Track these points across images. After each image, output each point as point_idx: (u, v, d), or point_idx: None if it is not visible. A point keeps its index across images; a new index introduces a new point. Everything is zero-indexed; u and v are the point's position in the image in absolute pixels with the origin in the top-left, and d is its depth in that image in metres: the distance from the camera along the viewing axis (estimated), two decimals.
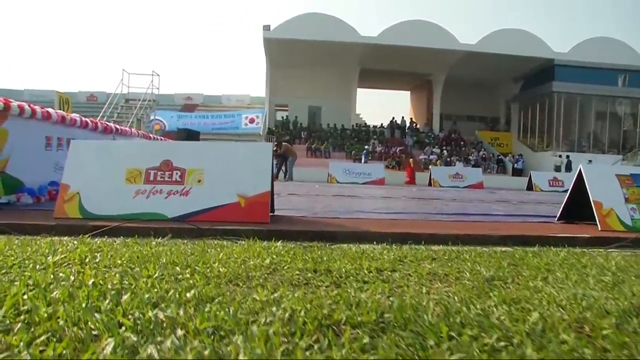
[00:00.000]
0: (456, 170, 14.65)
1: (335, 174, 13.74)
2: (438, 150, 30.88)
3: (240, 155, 3.92)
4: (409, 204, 6.65)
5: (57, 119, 5.23)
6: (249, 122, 28.20)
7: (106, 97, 36.32)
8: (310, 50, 30.50)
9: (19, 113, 4.58)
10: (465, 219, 4.78)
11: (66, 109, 6.91)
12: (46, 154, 5.21)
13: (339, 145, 30.68)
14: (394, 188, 12.18)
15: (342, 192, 8.67)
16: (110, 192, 3.75)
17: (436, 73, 33.92)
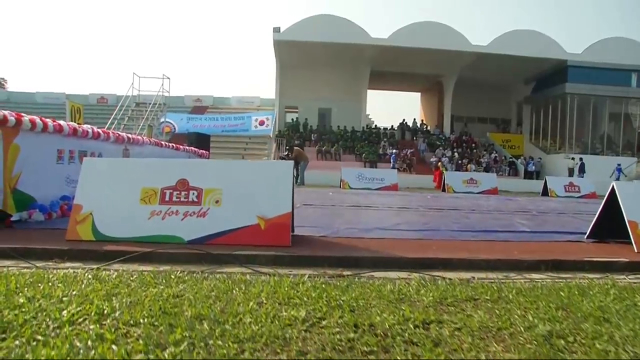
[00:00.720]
0: (470, 176, 14.40)
1: (347, 179, 13.56)
2: (449, 153, 30.60)
3: (260, 174, 3.75)
4: (428, 216, 6.46)
5: (69, 131, 5.10)
6: (259, 124, 28.02)
7: (116, 99, 36.53)
8: (320, 52, 30.36)
9: (31, 127, 4.45)
10: (491, 237, 4.59)
11: (78, 118, 6.80)
12: (58, 168, 5.08)
13: (349, 148, 30.49)
14: (408, 195, 11.97)
15: (359, 202, 8.48)
16: (125, 213, 3.60)
17: (447, 74, 33.64)
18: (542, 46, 29.35)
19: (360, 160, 28.96)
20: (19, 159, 4.39)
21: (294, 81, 33.44)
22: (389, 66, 32.64)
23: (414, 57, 30.57)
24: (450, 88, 33.91)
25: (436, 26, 29.42)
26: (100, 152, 6.10)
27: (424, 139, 32.81)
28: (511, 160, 30.86)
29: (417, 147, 32.06)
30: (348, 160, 29.18)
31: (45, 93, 37.01)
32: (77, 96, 37.27)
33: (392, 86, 40.03)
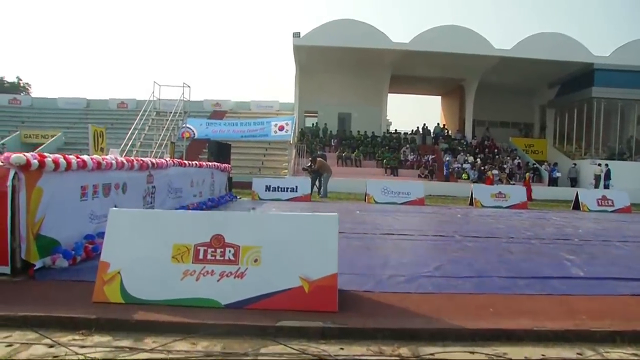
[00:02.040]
0: (499, 189, 13.93)
1: (373, 193, 13.21)
2: (471, 158, 30.05)
3: (302, 229, 3.43)
4: (469, 251, 6.07)
5: (93, 166, 4.84)
6: (279, 129, 27.69)
7: (136, 104, 36.67)
8: (340, 56, 30.02)
9: (54, 168, 4.19)
10: (547, 288, 4.21)
11: (101, 142, 6.55)
12: (81, 205, 4.82)
13: (369, 154, 30.11)
14: (437, 212, 11.57)
15: (390, 227, 8.11)
16: (156, 272, 3.31)
17: (469, 78, 33.05)
18: (568, 49, 28.60)
19: (381, 167, 28.58)
20: (42, 202, 4.13)
21: (313, 86, 33.14)
22: (410, 70, 32.19)
23: (435, 61, 30.07)
24: (472, 92, 33.31)
25: (458, 30, 28.89)
26: (125, 182, 5.86)
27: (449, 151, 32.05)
28: (535, 166, 30.15)
29: (438, 153, 31.56)
30: (369, 166, 28.82)
31: (66, 98, 37.25)
32: (97, 101, 37.52)
33: (412, 90, 39.54)
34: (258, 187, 13.12)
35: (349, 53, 29.27)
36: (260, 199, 12.97)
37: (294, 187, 13.10)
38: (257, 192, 13.04)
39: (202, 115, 33.96)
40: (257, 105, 37.98)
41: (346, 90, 33.75)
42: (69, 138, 31.63)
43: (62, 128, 32.50)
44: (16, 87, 51.48)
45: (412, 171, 28.46)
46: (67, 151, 30.15)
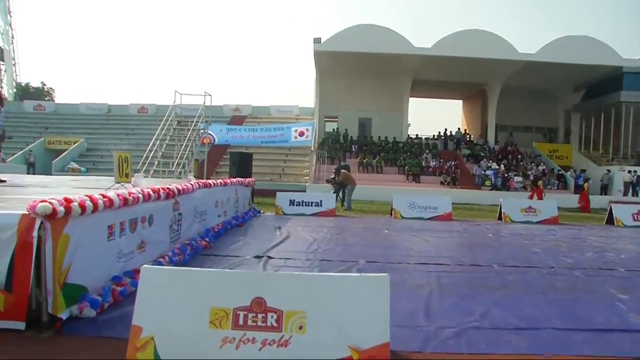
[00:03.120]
0: (529, 204, 13.50)
1: (399, 207, 12.89)
2: (495, 165, 29.48)
3: (350, 290, 3.15)
4: (512, 289, 5.73)
5: (120, 203, 4.63)
6: (299, 135, 27.48)
7: (156, 109, 36.84)
8: (361, 61, 29.72)
9: (80, 212, 3.98)
10: (609, 347, 3.86)
11: (126, 168, 6.34)
12: (108, 245, 4.61)
13: (391, 160, 29.76)
14: (467, 232, 11.21)
15: (422, 251, 7.80)
16: (192, 339, 3.06)
17: (491, 83, 32.51)
18: (596, 52, 27.89)
19: (403, 173, 28.23)
20: (69, 249, 3.92)
21: (333, 91, 32.91)
22: (431, 75, 31.78)
23: (457, 66, 29.63)
24: (494, 96, 32.73)
25: (482, 34, 28.37)
26: (151, 214, 5.65)
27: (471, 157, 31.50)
28: (560, 172, 29.47)
29: (460, 159, 31.07)
30: (390, 173, 28.49)
31: (88, 104, 37.63)
32: (118, 107, 37.73)
33: (432, 94, 39.07)
34: (282, 201, 12.88)
35: (370, 58, 28.97)
36: (284, 213, 12.73)
37: (318, 202, 12.84)
38: (280, 207, 12.81)
39: (222, 120, 33.96)
40: (277, 109, 37.88)
41: (367, 95, 33.45)
42: (91, 144, 31.87)
43: (84, 134, 32.77)
44: (41, 92, 52.10)
45: (434, 178, 28.07)
46: (89, 157, 30.40)
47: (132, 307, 3.24)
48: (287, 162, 30.18)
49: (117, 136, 33.43)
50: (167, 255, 5.93)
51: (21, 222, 3.62)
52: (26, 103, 38.61)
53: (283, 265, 6.37)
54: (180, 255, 6.18)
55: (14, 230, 3.61)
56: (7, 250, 3.61)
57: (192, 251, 6.66)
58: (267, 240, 8.31)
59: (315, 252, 7.37)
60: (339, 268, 6.32)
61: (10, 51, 43.39)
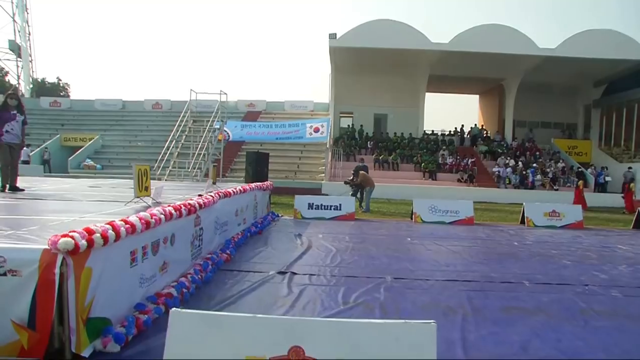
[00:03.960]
0: (553, 207, 13.16)
1: (420, 212, 12.65)
2: (512, 162, 29.04)
3: (394, 339, 2.93)
4: (552, 315, 5.47)
5: (142, 228, 4.45)
6: (314, 131, 27.24)
7: (170, 104, 36.78)
8: (377, 57, 29.39)
9: (103, 243, 3.80)
10: None
11: (145, 181, 6.17)
12: (131, 272, 4.44)
13: (407, 157, 29.44)
14: (491, 239, 10.94)
15: (451, 264, 7.54)
16: None
17: (510, 78, 32.01)
18: (619, 46, 27.21)
19: (420, 170, 27.92)
20: (91, 283, 3.75)
21: (349, 87, 32.61)
22: (448, 70, 31.35)
23: (475, 61, 29.18)
24: (512, 92, 32.22)
25: (501, 29, 27.88)
26: (173, 233, 5.48)
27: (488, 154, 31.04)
28: (580, 170, 28.92)
29: (477, 155, 30.64)
30: (407, 170, 28.21)
31: (103, 100, 37.71)
32: (132, 102, 37.77)
33: (448, 89, 38.60)
34: (300, 204, 12.69)
35: (386, 54, 28.63)
36: (302, 217, 12.54)
37: (337, 206, 12.63)
38: (299, 211, 12.62)
39: (236, 115, 33.86)
40: (291, 105, 37.64)
41: (382, 91, 33.12)
42: (106, 141, 31.95)
43: (99, 130, 32.86)
44: (56, 87, 52.39)
45: (451, 175, 27.76)
46: (104, 154, 30.46)
47: (157, 340, 3.06)
48: (302, 159, 29.98)
49: (131, 132, 33.48)
50: (189, 274, 5.76)
51: (42, 258, 3.45)
52: (42, 100, 38.82)
53: (308, 283, 6.16)
54: (202, 273, 6.01)
55: (35, 266, 3.44)
56: (29, 287, 3.45)
57: (214, 266, 6.49)
58: (289, 251, 8.12)
59: (339, 266, 7.16)
60: (366, 286, 6.10)
61: (26, 48, 43.59)
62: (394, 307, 5.36)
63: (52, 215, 5.25)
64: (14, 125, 8.20)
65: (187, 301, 5.15)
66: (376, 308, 5.28)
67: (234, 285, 5.88)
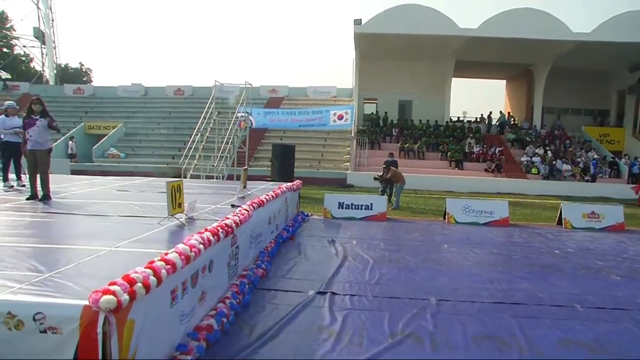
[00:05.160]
0: (592, 209, 12.65)
1: (453, 212, 12.29)
2: (541, 151, 28.28)
3: None
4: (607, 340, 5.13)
5: (182, 264, 4.21)
6: (338, 118, 26.86)
7: (192, 90, 36.64)
8: (402, 43, 28.73)
9: (145, 292, 3.55)
10: None
11: (178, 197, 5.96)
12: (172, 311, 4.21)
13: (432, 145, 28.88)
14: (528, 244, 10.54)
15: (494, 279, 7.19)
16: None
17: (540, 63, 31.03)
18: None
19: (446, 159, 27.39)
20: (134, 334, 3.52)
21: (373, 72, 32.03)
22: (476, 56, 30.54)
23: (504, 47, 28.33)
24: (542, 78, 31.28)
25: (532, 13, 26.91)
26: (211, 260, 5.23)
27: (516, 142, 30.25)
28: (612, 159, 28.05)
29: (505, 144, 29.93)
30: (432, 159, 27.69)
31: (125, 86, 37.75)
32: (154, 88, 37.72)
33: (474, 74, 37.71)
34: (330, 204, 12.40)
35: (412, 40, 27.95)
36: (332, 217, 12.26)
37: (368, 205, 12.31)
38: (329, 210, 12.33)
39: (259, 101, 33.56)
40: (314, 90, 37.17)
41: (407, 77, 32.46)
42: (129, 128, 32.00)
43: (122, 118, 32.92)
44: (79, 73, 52.60)
45: (477, 164, 27.19)
46: (127, 142, 30.47)
47: None
48: (326, 147, 29.63)
49: (154, 120, 33.46)
50: (226, 298, 5.53)
51: (83, 315, 3.20)
52: (66, 87, 38.98)
53: (350, 307, 5.89)
54: (239, 296, 5.78)
55: (76, 324, 3.20)
56: (70, 345, 3.22)
57: (251, 286, 6.26)
58: (324, 263, 7.87)
59: (379, 284, 6.87)
60: (411, 311, 5.81)
61: (50, 34, 43.68)
62: (443, 340, 5.06)
63: (84, 243, 5.04)
64: (33, 131, 8.04)
65: (227, 332, 4.93)
66: (426, 341, 4.98)
67: (273, 311, 5.64)
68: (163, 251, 4.48)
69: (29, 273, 3.85)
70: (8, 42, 48.19)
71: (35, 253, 4.55)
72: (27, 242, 4.97)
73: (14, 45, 48.77)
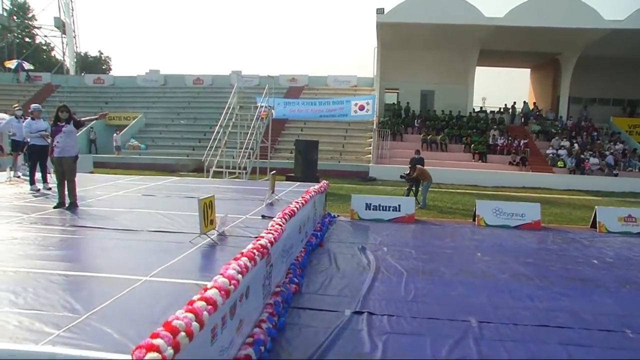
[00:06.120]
0: (628, 212, 12.22)
1: (483, 214, 11.96)
2: (567, 143, 27.62)
3: None
4: None
5: (222, 301, 4.03)
6: (359, 109, 26.53)
7: (211, 79, 36.47)
8: (425, 32, 28.15)
9: (189, 341, 3.36)
10: None
11: (210, 214, 5.86)
12: (212, 349, 4.03)
13: (455, 136, 28.38)
14: (562, 248, 10.21)
15: (534, 296, 6.92)
16: None
17: (567, 52, 30.17)
18: None
19: (469, 152, 26.92)
20: None
21: (395, 62, 31.50)
22: (501, 45, 29.87)
23: (531, 35, 27.56)
24: (570, 67, 30.45)
25: (561, 1, 26.05)
26: (248, 286, 5.03)
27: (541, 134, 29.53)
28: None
29: (530, 135, 29.29)
30: (455, 151, 27.24)
31: (145, 76, 37.72)
32: (173, 77, 37.68)
33: (498, 63, 36.89)
34: (357, 204, 12.15)
35: (435, 29, 27.35)
36: (360, 218, 12.03)
37: (396, 206, 12.03)
38: (356, 211, 12.09)
39: (278, 91, 33.22)
40: (334, 79, 36.77)
41: (430, 67, 31.89)
42: (149, 119, 32.03)
43: (141, 108, 32.95)
44: (98, 61, 52.75)
45: (502, 157, 26.68)
46: (147, 132, 30.48)
47: None
48: (347, 139, 29.31)
49: (174, 110, 33.41)
50: (262, 322, 5.34)
51: None
52: (86, 77, 39.12)
53: (389, 330, 5.66)
54: (275, 318, 5.59)
55: None
56: None
57: (285, 305, 6.08)
58: (356, 275, 7.64)
59: (416, 301, 6.63)
60: (453, 336, 5.55)
61: (70, 24, 43.78)
62: None
63: (118, 269, 4.86)
64: (60, 138, 7.94)
65: None
66: None
67: (310, 334, 5.44)
68: (200, 282, 4.31)
69: (66, 314, 3.67)
70: (30, 32, 48.46)
71: (68, 284, 4.38)
72: (59, 267, 4.80)
73: (36, 35, 49.10)
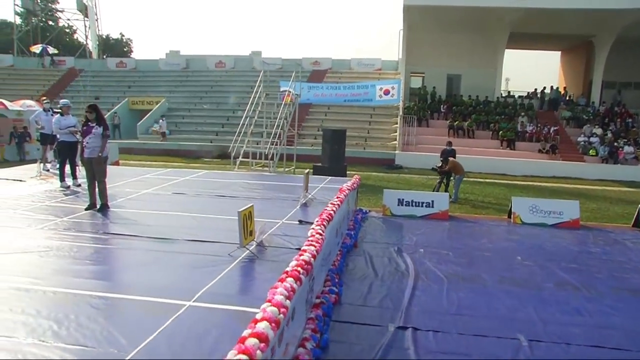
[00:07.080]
0: None
1: (519, 211, 11.58)
2: (599, 130, 26.77)
3: None
4: None
5: (273, 334, 3.81)
6: (384, 93, 25.91)
7: (233, 62, 36.19)
8: (454, 15, 27.36)
9: None
10: None
11: (249, 225, 5.69)
12: None
13: (482, 122, 27.74)
14: (606, 251, 9.81)
15: (581, 309, 6.58)
16: None
17: (602, 34, 29.04)
18: None
19: (497, 139, 26.30)
20: None
21: (420, 45, 30.79)
22: (531, 28, 28.91)
23: (564, 17, 26.57)
24: (604, 50, 29.31)
25: None
26: (294, 308, 4.80)
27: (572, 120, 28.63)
28: None
29: (560, 122, 28.48)
30: (483, 137, 26.64)
31: (166, 59, 37.60)
32: (195, 59, 37.50)
33: (527, 46, 35.82)
34: (390, 200, 11.86)
35: (465, 11, 26.54)
36: (392, 214, 11.74)
37: (429, 202, 11.70)
38: (388, 207, 11.80)
39: (301, 75, 32.80)
40: (358, 63, 36.17)
41: (456, 50, 31.09)
42: (172, 103, 31.96)
43: (164, 92, 32.86)
44: (120, 43, 52.69)
45: (531, 144, 25.98)
46: (170, 117, 30.40)
47: None
48: (372, 124, 28.86)
49: (196, 94, 33.27)
50: (305, 341, 5.13)
51: None
52: (109, 61, 39.12)
53: (436, 349, 5.41)
54: (318, 336, 5.37)
55: None
56: None
57: (326, 318, 5.87)
58: (395, 282, 7.38)
59: (460, 314, 6.36)
60: (502, 357, 5.30)
61: (92, 7, 43.72)
62: None
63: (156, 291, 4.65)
64: (90, 139, 7.85)
65: None
66: None
67: (355, 354, 5.24)
68: (247, 309, 4.13)
69: (112, 350, 3.48)
70: (53, 15, 48.60)
71: (109, 309, 4.18)
72: (97, 287, 4.61)
73: (59, 19, 49.25)
